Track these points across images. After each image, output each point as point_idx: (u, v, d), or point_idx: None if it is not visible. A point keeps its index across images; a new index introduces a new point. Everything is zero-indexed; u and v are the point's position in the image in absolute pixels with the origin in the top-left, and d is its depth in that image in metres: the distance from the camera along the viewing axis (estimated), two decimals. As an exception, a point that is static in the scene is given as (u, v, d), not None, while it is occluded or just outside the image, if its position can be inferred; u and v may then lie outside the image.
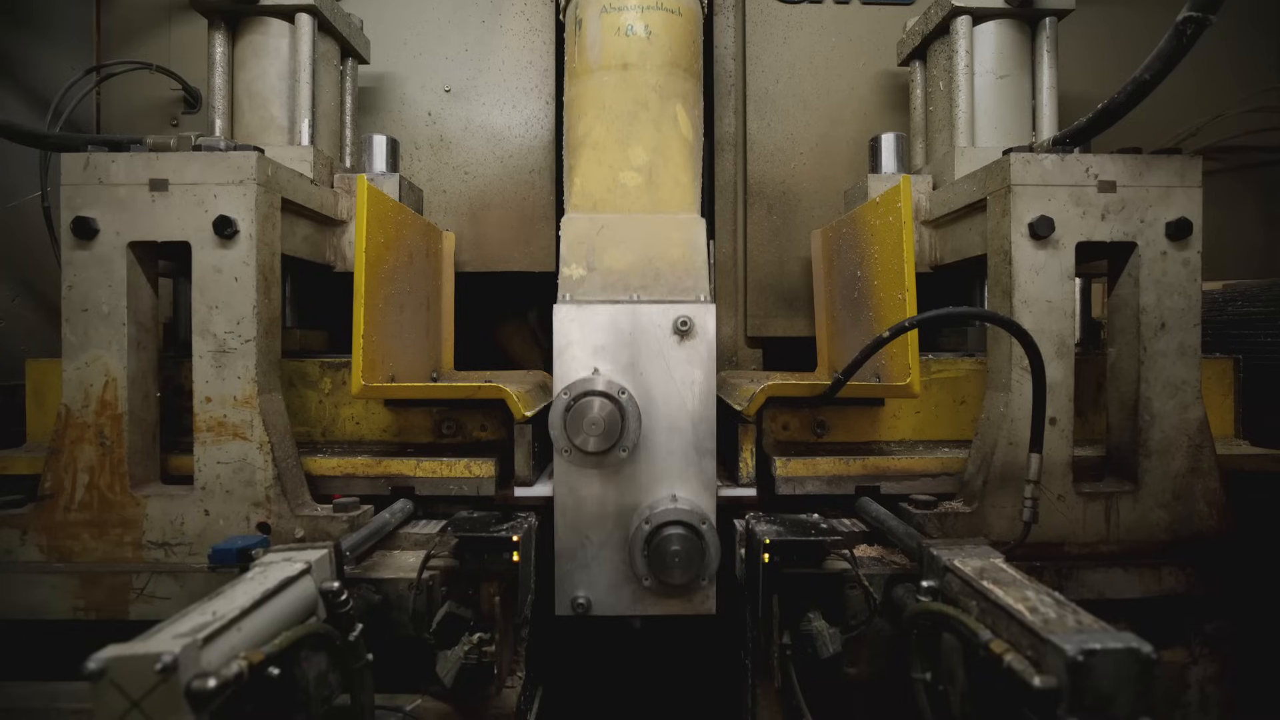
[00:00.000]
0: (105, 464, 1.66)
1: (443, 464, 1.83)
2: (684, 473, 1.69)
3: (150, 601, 1.62)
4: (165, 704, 0.94)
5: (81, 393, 1.67)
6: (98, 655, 0.96)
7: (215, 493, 1.68)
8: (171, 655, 0.94)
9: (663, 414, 1.68)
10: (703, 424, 1.68)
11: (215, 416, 1.68)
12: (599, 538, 1.69)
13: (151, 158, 1.69)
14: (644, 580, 1.66)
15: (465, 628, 1.57)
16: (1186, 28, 1.48)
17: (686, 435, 1.68)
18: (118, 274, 1.67)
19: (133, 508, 1.67)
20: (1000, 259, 1.75)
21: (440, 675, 1.50)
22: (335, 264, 2.26)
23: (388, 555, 1.65)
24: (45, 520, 1.67)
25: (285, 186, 1.84)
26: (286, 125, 2.24)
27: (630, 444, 1.65)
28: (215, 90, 2.21)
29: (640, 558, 1.63)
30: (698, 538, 1.61)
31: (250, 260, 1.68)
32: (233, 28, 2.24)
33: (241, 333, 1.68)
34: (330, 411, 2.04)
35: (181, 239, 1.67)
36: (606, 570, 1.69)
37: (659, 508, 1.63)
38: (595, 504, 1.69)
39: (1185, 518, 1.70)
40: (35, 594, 1.62)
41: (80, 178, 1.67)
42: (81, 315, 1.68)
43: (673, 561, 1.60)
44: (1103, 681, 0.98)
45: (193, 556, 1.66)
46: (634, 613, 1.71)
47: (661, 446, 1.68)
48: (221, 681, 0.97)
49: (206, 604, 1.13)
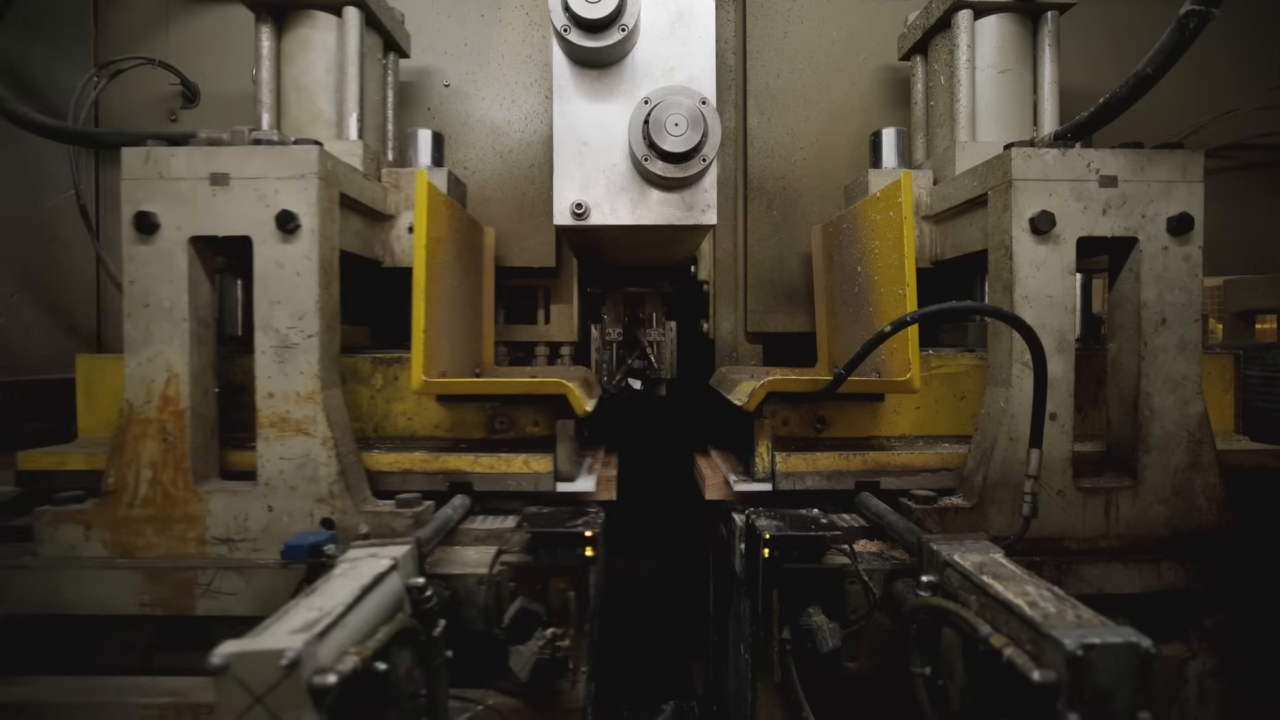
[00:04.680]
0: (168, 460, 1.66)
1: (500, 459, 1.83)
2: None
3: (216, 597, 1.62)
4: (287, 699, 0.95)
5: (144, 389, 1.66)
6: (220, 650, 0.97)
7: (279, 488, 1.67)
8: (295, 651, 0.95)
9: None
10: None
11: (278, 412, 1.67)
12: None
13: (212, 151, 1.67)
14: (644, 160, 1.74)
15: (536, 623, 1.58)
16: (1189, 21, 1.48)
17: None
18: (179, 269, 1.66)
19: (196, 504, 1.66)
20: (1001, 254, 1.74)
21: (515, 670, 1.51)
22: (384, 259, 2.24)
23: (449, 551, 1.66)
24: (109, 516, 1.66)
25: (342, 181, 1.84)
26: (334, 119, 2.22)
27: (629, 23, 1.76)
28: (262, 84, 2.19)
29: (640, 135, 1.71)
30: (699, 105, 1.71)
31: (312, 255, 1.67)
32: (279, 21, 2.22)
33: (304, 328, 1.67)
34: (382, 407, 2.04)
35: (243, 233, 1.66)
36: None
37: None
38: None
39: (1185, 513, 1.70)
40: (101, 589, 1.61)
41: (141, 172, 1.66)
42: (143, 311, 1.67)
43: (672, 128, 1.69)
44: (1102, 676, 0.98)
45: (257, 552, 1.66)
46: (633, 221, 1.83)
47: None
48: (341, 677, 0.98)
49: (307, 600, 1.13)
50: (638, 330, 2.87)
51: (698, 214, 1.88)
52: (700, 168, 1.81)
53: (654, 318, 2.88)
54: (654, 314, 2.89)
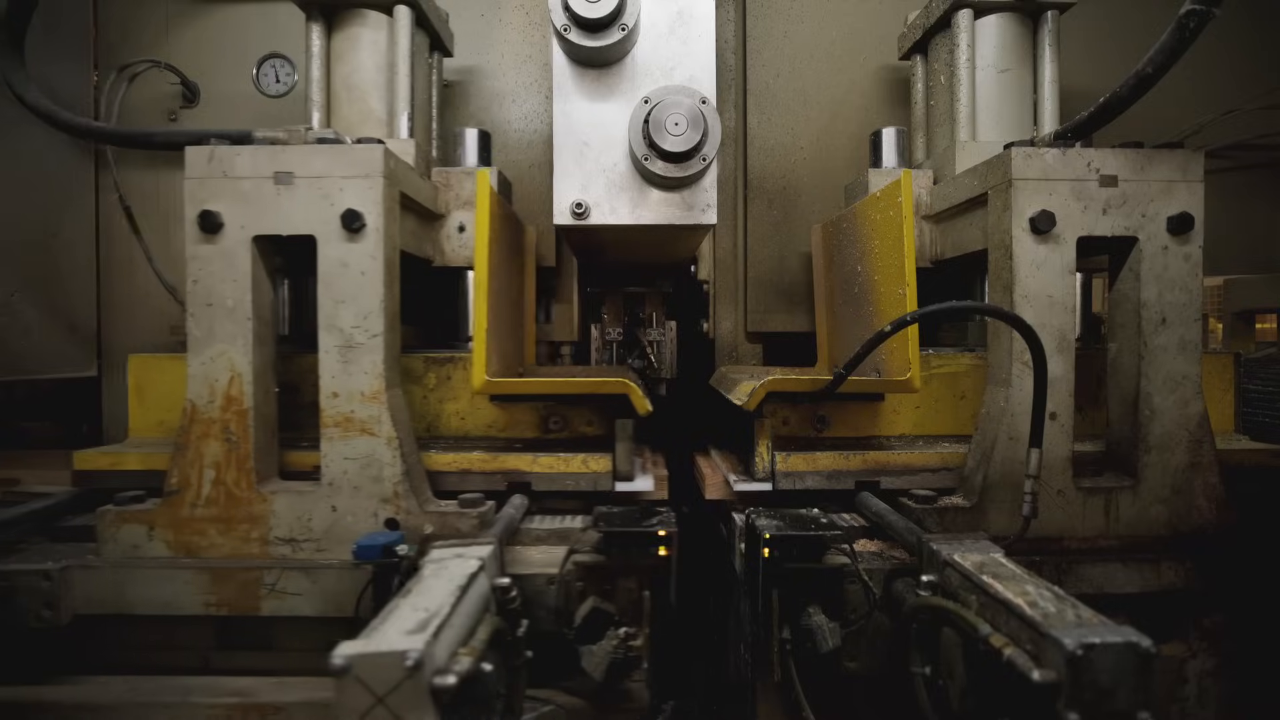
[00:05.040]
0: (231, 460, 1.66)
1: (559, 459, 1.83)
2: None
3: (282, 597, 1.61)
4: (409, 700, 0.96)
5: (207, 388, 1.66)
6: (340, 652, 0.97)
7: (343, 488, 1.67)
8: (418, 652, 0.96)
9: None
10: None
11: (342, 412, 1.67)
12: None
13: (277, 150, 1.66)
14: (644, 159, 1.74)
15: (608, 622, 1.58)
16: (1190, 20, 1.48)
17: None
18: (242, 267, 1.66)
19: (260, 504, 1.66)
20: (1001, 254, 1.74)
21: (589, 670, 1.52)
22: (434, 258, 2.24)
23: (511, 551, 1.65)
24: (172, 516, 1.66)
25: (401, 180, 1.83)
26: (385, 118, 2.22)
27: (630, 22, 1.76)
28: (313, 82, 2.19)
29: (640, 134, 1.71)
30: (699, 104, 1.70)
31: (377, 254, 1.67)
32: (329, 20, 2.22)
33: (368, 327, 1.67)
34: (435, 407, 2.05)
35: (307, 232, 1.66)
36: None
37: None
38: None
39: (1185, 513, 1.70)
40: (167, 589, 1.61)
41: (205, 171, 1.66)
42: (206, 310, 1.66)
43: (672, 128, 1.70)
44: (1102, 675, 0.98)
45: (320, 553, 1.66)
46: (633, 220, 1.84)
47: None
48: (459, 678, 0.99)
49: (408, 601, 1.14)
50: (638, 330, 2.87)
51: (698, 213, 1.88)
52: (700, 167, 1.81)
53: (654, 317, 2.88)
54: (654, 313, 2.89)
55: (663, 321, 2.88)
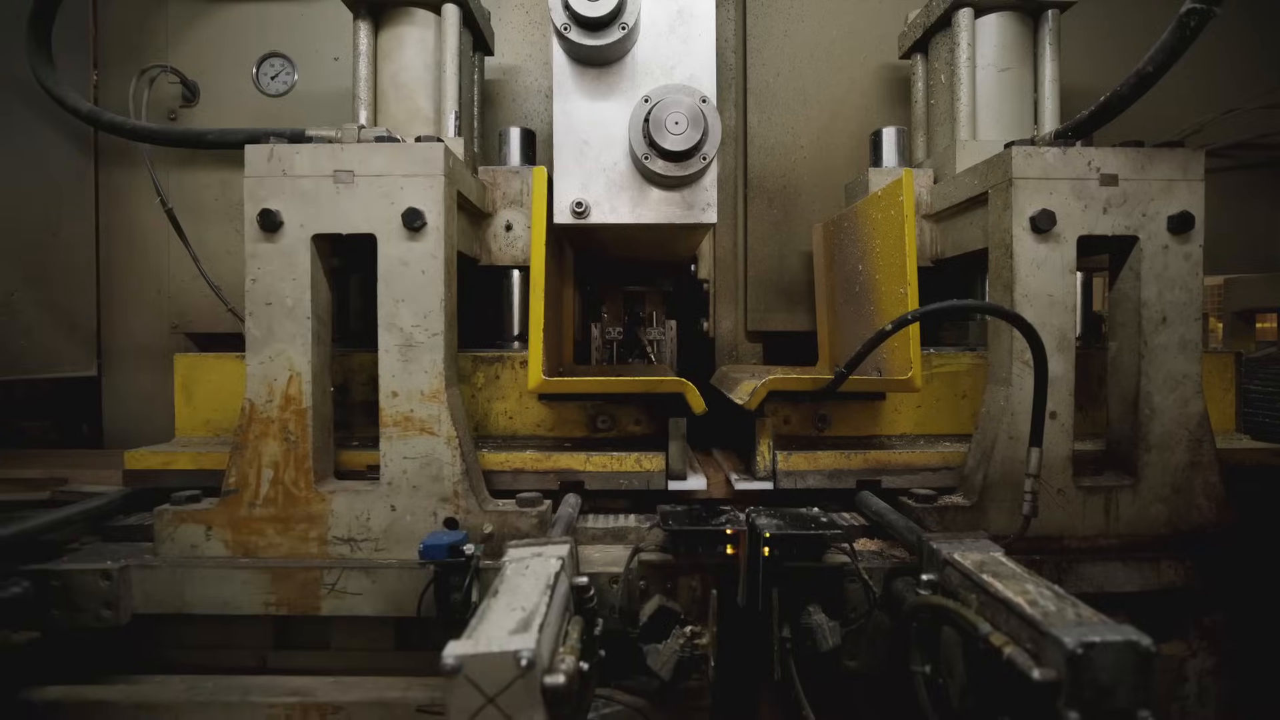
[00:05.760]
0: (290, 459, 1.65)
1: (613, 458, 1.83)
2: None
3: (342, 597, 1.61)
4: (520, 700, 0.96)
5: (265, 388, 1.65)
6: (450, 652, 0.97)
7: (402, 488, 1.66)
8: (530, 652, 0.95)
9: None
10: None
11: (402, 411, 1.66)
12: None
13: (336, 149, 1.66)
14: (645, 158, 1.74)
15: (674, 621, 1.57)
16: (1190, 19, 1.47)
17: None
18: (301, 266, 1.65)
19: (318, 503, 1.65)
20: (1001, 253, 1.74)
21: (655, 668, 1.51)
22: (480, 257, 2.23)
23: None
24: (230, 515, 1.66)
25: (458, 179, 1.82)
26: (433, 116, 2.22)
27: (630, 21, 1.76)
28: (360, 80, 2.19)
29: (640, 133, 1.71)
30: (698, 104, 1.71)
31: (438, 253, 1.66)
32: (376, 19, 2.22)
33: (429, 326, 1.66)
34: (483, 407, 2.04)
35: (367, 231, 1.65)
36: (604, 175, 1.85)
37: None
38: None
39: (1185, 512, 1.70)
40: (226, 589, 1.61)
41: (264, 169, 1.65)
42: (265, 309, 1.65)
43: (672, 127, 1.69)
44: (1102, 674, 0.98)
45: (379, 552, 1.65)
46: (634, 219, 1.84)
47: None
48: (568, 677, 0.98)
49: (501, 601, 1.13)
50: (638, 329, 2.87)
51: (698, 212, 1.88)
52: (700, 166, 1.81)
53: (654, 316, 2.88)
54: (654, 313, 2.89)
55: (663, 320, 2.88)
